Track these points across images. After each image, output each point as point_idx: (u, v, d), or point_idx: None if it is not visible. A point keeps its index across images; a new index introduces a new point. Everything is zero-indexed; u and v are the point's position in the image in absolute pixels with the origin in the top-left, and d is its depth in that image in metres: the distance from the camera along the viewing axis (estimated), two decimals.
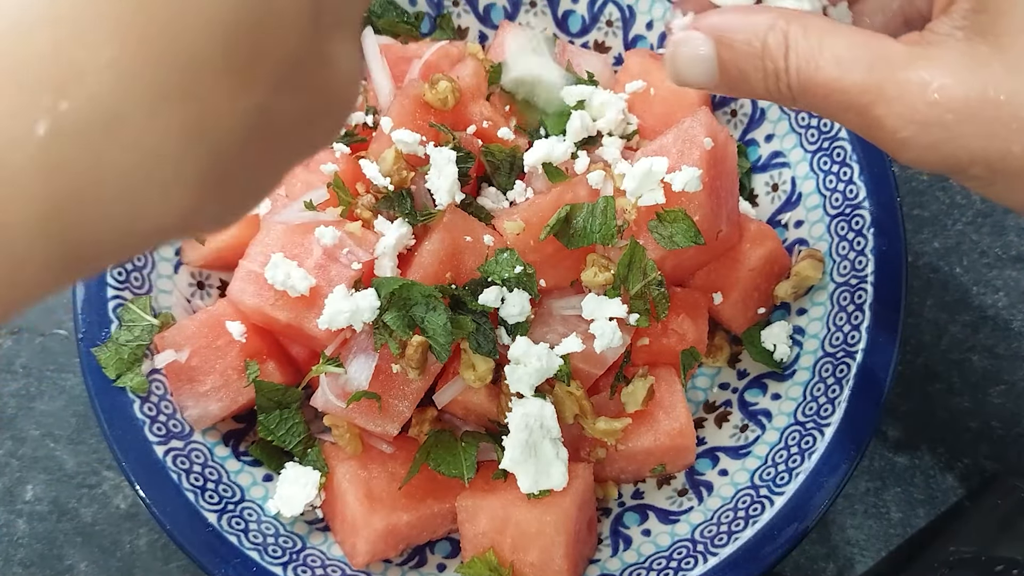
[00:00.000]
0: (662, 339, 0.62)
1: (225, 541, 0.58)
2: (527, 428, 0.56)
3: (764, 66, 0.38)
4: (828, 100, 0.37)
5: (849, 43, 0.37)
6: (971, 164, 0.36)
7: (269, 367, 0.61)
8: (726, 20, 0.39)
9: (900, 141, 0.36)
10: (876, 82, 0.36)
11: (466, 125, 0.64)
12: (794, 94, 0.38)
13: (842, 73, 0.36)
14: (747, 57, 0.39)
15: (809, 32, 0.37)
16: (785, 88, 0.38)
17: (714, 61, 0.39)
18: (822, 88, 0.37)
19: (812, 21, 0.38)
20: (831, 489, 0.58)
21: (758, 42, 0.38)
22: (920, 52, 0.36)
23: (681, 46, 0.40)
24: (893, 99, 0.35)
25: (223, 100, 0.24)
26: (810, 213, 0.67)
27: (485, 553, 0.58)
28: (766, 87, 0.39)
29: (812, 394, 0.63)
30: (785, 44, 0.38)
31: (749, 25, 0.39)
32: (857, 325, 0.62)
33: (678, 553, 0.60)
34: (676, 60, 0.41)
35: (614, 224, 0.58)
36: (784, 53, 0.38)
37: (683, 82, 0.41)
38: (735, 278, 0.65)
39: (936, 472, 0.70)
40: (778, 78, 0.38)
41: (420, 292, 0.56)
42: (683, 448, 0.62)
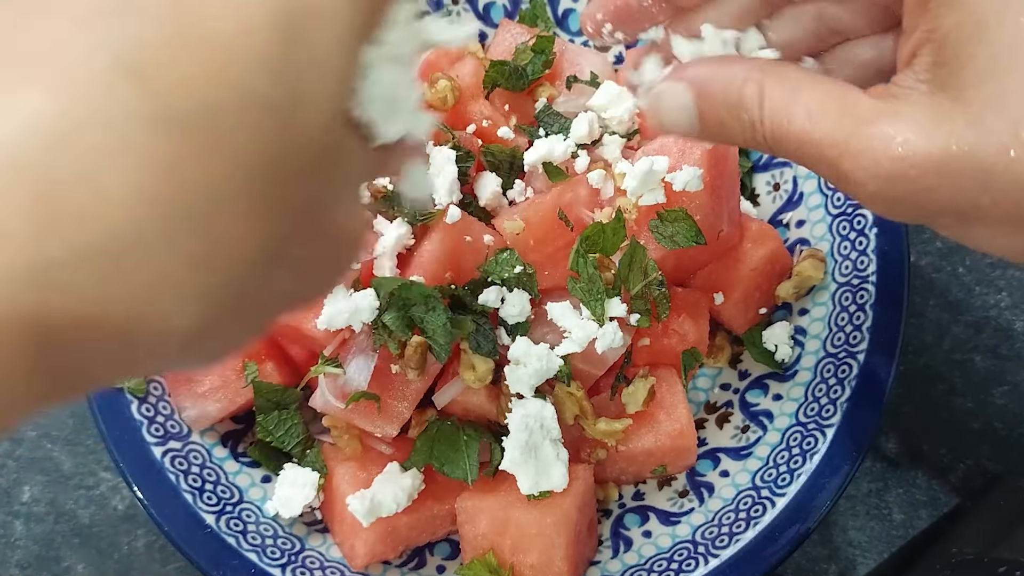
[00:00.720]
0: (663, 339, 0.62)
1: (223, 543, 0.58)
2: (527, 429, 0.56)
3: (740, 116, 0.38)
4: (800, 151, 0.37)
5: (821, 95, 0.37)
6: (940, 215, 0.36)
7: (267, 368, 0.61)
8: (704, 71, 0.40)
9: (869, 195, 0.36)
10: (843, 136, 0.36)
11: (465, 124, 0.64)
12: (769, 144, 0.38)
13: (812, 126, 0.36)
14: (725, 107, 0.39)
15: (784, 83, 0.38)
16: (761, 138, 0.38)
17: (695, 111, 0.40)
18: (794, 140, 0.37)
19: (788, 72, 0.38)
20: (833, 490, 0.58)
21: (735, 93, 0.38)
22: (884, 107, 0.36)
23: (663, 96, 0.41)
24: (858, 153, 0.35)
25: (239, 234, 0.23)
26: (812, 213, 0.67)
27: (485, 555, 0.57)
28: (743, 136, 0.39)
29: (814, 395, 0.63)
30: (760, 95, 0.38)
31: (726, 76, 0.39)
32: (859, 325, 0.62)
33: (679, 554, 0.60)
34: (659, 110, 0.41)
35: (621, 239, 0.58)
36: (759, 104, 0.38)
37: (666, 130, 0.42)
38: (736, 278, 0.64)
39: (938, 473, 0.70)
40: (754, 129, 0.38)
41: (420, 292, 0.55)
42: (684, 449, 0.61)
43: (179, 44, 0.22)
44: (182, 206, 0.22)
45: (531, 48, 0.67)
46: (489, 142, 0.64)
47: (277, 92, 0.23)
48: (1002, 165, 0.33)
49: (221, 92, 0.22)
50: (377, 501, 0.57)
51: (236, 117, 0.22)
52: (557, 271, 0.60)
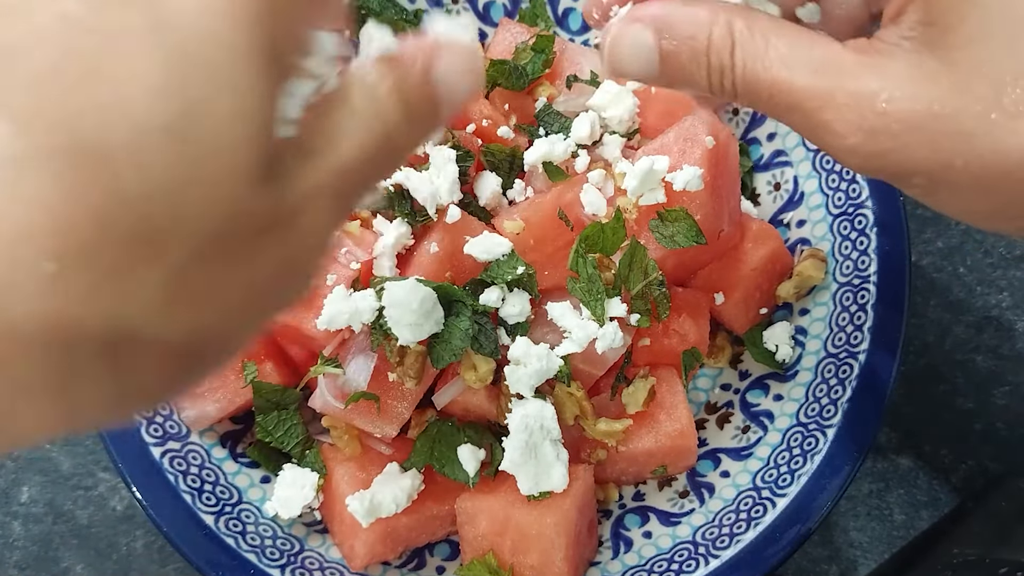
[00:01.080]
0: (663, 339, 0.62)
1: (222, 543, 0.58)
2: (527, 429, 0.56)
3: (708, 61, 0.38)
4: (772, 100, 0.37)
5: (793, 43, 0.37)
6: (914, 174, 0.36)
7: (267, 368, 0.61)
8: (668, 11, 0.38)
9: (847, 147, 0.36)
10: (825, 87, 0.36)
11: (465, 124, 0.64)
12: (737, 91, 0.38)
13: (790, 74, 0.36)
14: (690, 51, 0.38)
15: (754, 29, 0.37)
16: (729, 84, 0.38)
17: (655, 53, 0.38)
18: (768, 87, 0.37)
19: (756, 18, 0.38)
20: (834, 491, 0.58)
21: (703, 36, 0.38)
22: (869, 61, 0.36)
23: (620, 37, 0.39)
24: (842, 106, 0.35)
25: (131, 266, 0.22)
26: (812, 212, 0.67)
27: (485, 555, 0.57)
28: (708, 82, 0.38)
29: (814, 395, 0.62)
30: (731, 40, 0.37)
31: (692, 17, 0.38)
32: (860, 325, 0.62)
33: (679, 555, 0.60)
34: (614, 51, 0.39)
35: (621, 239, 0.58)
36: (730, 49, 0.37)
37: (621, 73, 0.40)
38: (737, 278, 0.64)
39: (940, 474, 0.70)
40: (722, 74, 0.38)
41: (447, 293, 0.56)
42: (684, 449, 0.61)
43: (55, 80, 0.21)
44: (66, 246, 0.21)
45: (531, 47, 0.66)
46: (489, 142, 0.64)
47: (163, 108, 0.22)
48: (981, 129, 0.34)
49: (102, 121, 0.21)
50: (376, 502, 0.57)
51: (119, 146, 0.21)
52: (557, 271, 0.59)
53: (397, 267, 0.59)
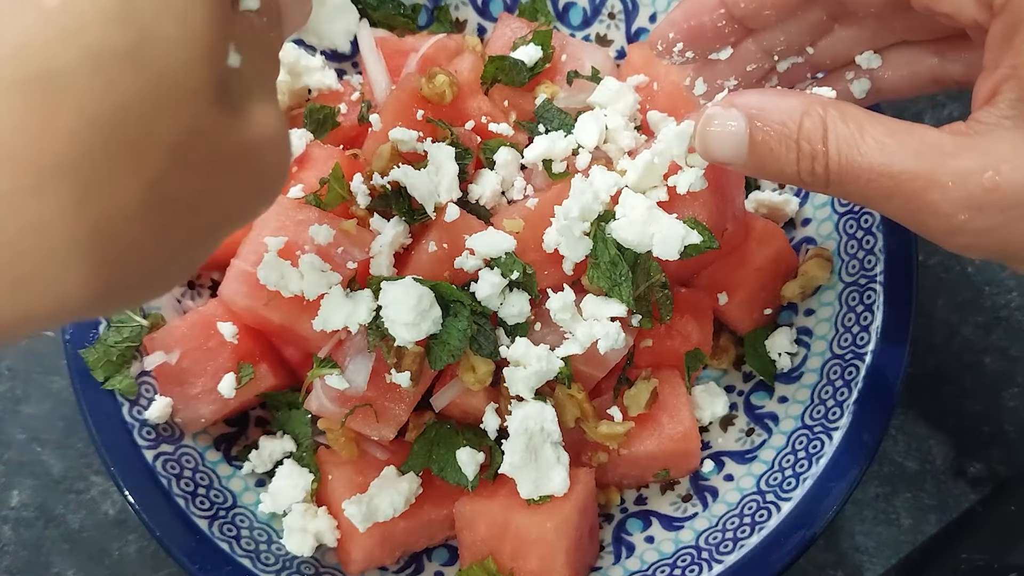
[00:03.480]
0: (666, 341, 0.61)
1: (216, 548, 0.57)
2: (527, 432, 0.55)
3: (799, 147, 0.39)
4: (870, 186, 0.38)
5: (889, 129, 0.38)
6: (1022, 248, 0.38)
7: (262, 369, 0.60)
8: (761, 100, 0.40)
9: (954, 226, 0.37)
10: (927, 168, 0.36)
11: (464, 120, 0.63)
12: (830, 177, 0.39)
13: (889, 159, 0.37)
14: (780, 137, 0.40)
15: (847, 117, 0.38)
16: (821, 170, 0.39)
17: (745, 139, 0.40)
18: (866, 173, 0.38)
19: (848, 108, 0.39)
20: (839, 495, 0.57)
21: (793, 124, 0.39)
22: (970, 142, 0.37)
23: (713, 121, 0.41)
24: (947, 185, 0.36)
25: (110, 178, 0.24)
26: (818, 211, 0.66)
27: (484, 560, 0.57)
28: (798, 168, 0.40)
29: (820, 397, 0.62)
30: (823, 127, 0.39)
31: (785, 106, 0.40)
32: (866, 326, 0.61)
33: (682, 560, 0.59)
34: (706, 134, 0.42)
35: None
36: (823, 136, 0.39)
37: (710, 156, 0.42)
38: (741, 278, 0.64)
39: (947, 477, 0.69)
40: (814, 160, 0.39)
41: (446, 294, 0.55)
42: (687, 452, 0.61)
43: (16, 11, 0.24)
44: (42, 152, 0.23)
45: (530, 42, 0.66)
46: (488, 139, 0.63)
47: (119, 36, 0.24)
48: None
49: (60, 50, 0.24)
50: (374, 506, 0.56)
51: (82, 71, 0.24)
52: (557, 271, 0.59)
53: (394, 266, 0.58)
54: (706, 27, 0.44)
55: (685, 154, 0.55)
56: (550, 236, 0.57)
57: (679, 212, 0.58)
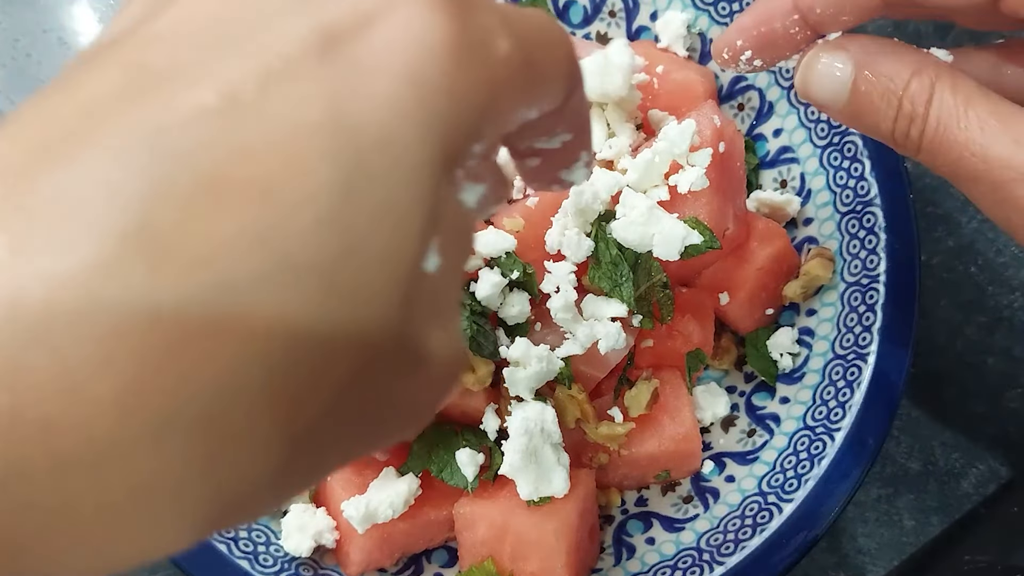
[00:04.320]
0: (667, 341, 0.61)
1: (214, 550, 0.57)
2: (527, 433, 0.55)
3: (900, 106, 0.38)
4: (959, 163, 0.37)
5: (995, 110, 0.36)
6: None
7: None
8: (874, 48, 0.39)
9: None
10: (1021, 161, 0.35)
11: None
12: (923, 143, 0.38)
13: (986, 140, 0.36)
14: (884, 90, 0.38)
15: (958, 88, 0.37)
16: (916, 134, 0.38)
17: (848, 83, 0.39)
18: (959, 149, 0.36)
19: (962, 78, 0.38)
20: (842, 496, 0.57)
21: (901, 80, 0.38)
22: None
23: (817, 60, 0.40)
24: None
25: (252, 433, 0.18)
26: (820, 210, 0.66)
27: (484, 562, 0.56)
28: (893, 127, 0.38)
29: (822, 398, 0.61)
30: (930, 92, 0.37)
31: (897, 59, 0.38)
32: (868, 326, 0.61)
33: (683, 562, 0.59)
34: (809, 73, 0.40)
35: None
36: (927, 100, 0.37)
37: (808, 96, 0.41)
38: (742, 278, 0.63)
39: (950, 478, 0.69)
40: (911, 122, 0.38)
41: None
42: (688, 453, 0.60)
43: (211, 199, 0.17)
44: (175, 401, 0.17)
45: None
46: None
47: (325, 252, 0.18)
48: None
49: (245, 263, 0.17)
50: (372, 507, 0.56)
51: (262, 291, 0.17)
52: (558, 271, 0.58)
53: None
54: (777, 33, 0.42)
55: (686, 153, 0.55)
56: (552, 237, 0.57)
57: (680, 211, 0.57)
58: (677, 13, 0.68)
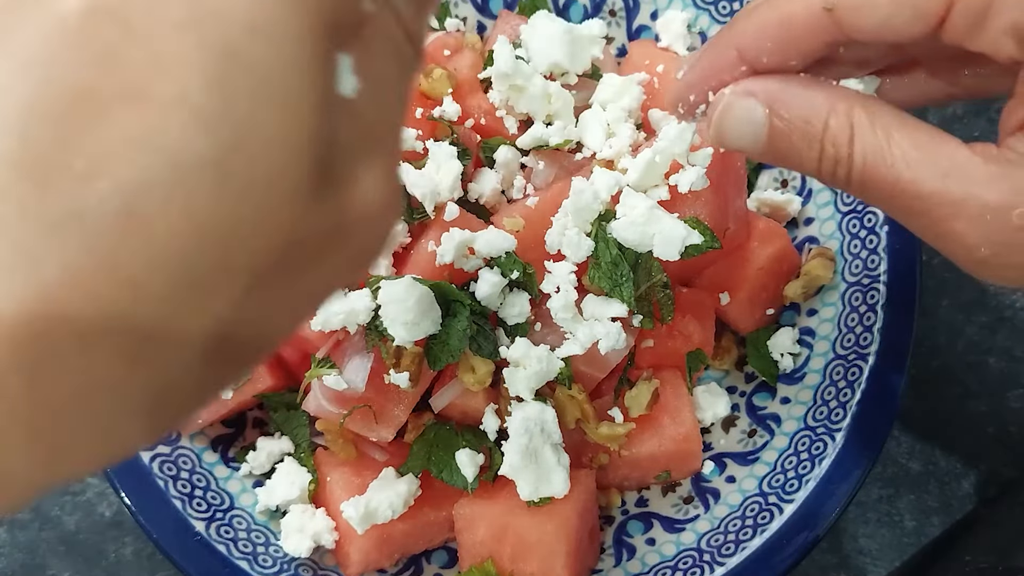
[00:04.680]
0: (667, 341, 0.61)
1: (213, 550, 0.57)
2: (527, 433, 0.54)
3: (822, 148, 0.37)
4: (893, 200, 0.36)
5: (917, 142, 0.36)
6: None
7: (259, 370, 0.60)
8: (784, 89, 0.38)
9: (978, 259, 0.36)
10: (957, 196, 0.35)
11: (463, 119, 0.62)
12: (852, 183, 0.37)
13: (916, 177, 0.35)
14: (803, 134, 0.37)
15: (876, 122, 0.36)
16: (843, 175, 0.37)
17: (764, 128, 0.38)
18: (890, 187, 0.36)
19: (878, 109, 0.37)
20: (842, 496, 0.57)
21: (819, 122, 0.37)
22: (1000, 172, 0.35)
23: (731, 108, 0.39)
24: (974, 218, 0.35)
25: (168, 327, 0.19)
26: (821, 210, 0.66)
27: (483, 563, 0.56)
28: (818, 167, 0.38)
29: (823, 398, 0.61)
30: (850, 131, 0.36)
31: (809, 100, 0.37)
32: (869, 326, 0.61)
33: (684, 563, 0.58)
34: (723, 120, 0.39)
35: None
36: (848, 140, 0.36)
37: (725, 144, 0.40)
38: (743, 278, 0.63)
39: (951, 479, 0.68)
40: (837, 164, 0.37)
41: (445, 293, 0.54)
42: (689, 454, 0.60)
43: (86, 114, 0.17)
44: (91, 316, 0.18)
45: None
46: (488, 137, 0.62)
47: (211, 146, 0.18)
48: None
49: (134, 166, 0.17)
50: (372, 507, 0.56)
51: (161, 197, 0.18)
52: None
53: (393, 266, 0.58)
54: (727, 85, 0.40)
55: (687, 152, 0.54)
56: (552, 237, 0.56)
57: (680, 211, 0.57)
58: (677, 12, 0.68)
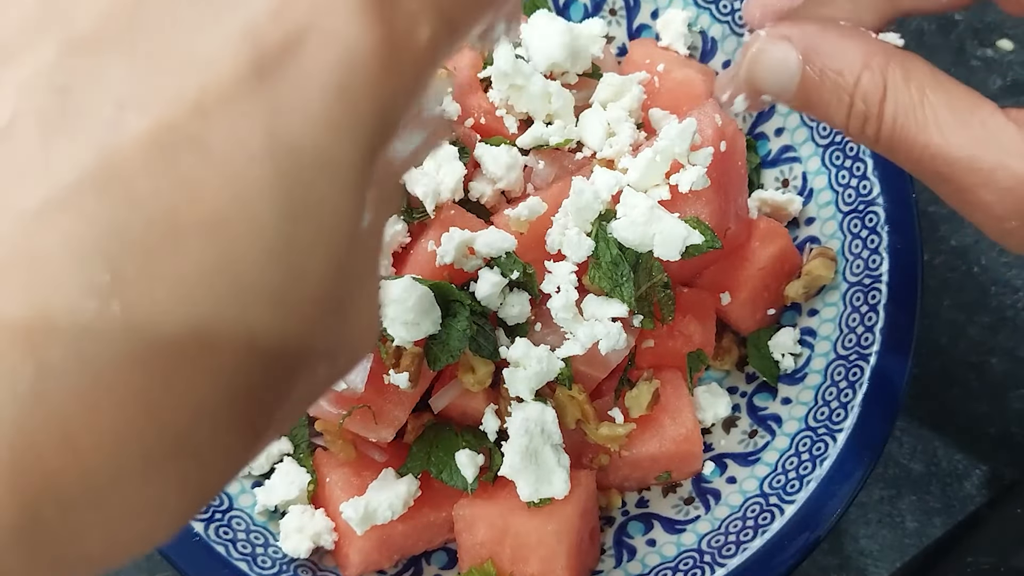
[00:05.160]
0: (668, 341, 0.61)
1: (212, 551, 0.57)
2: (527, 434, 0.54)
3: (853, 104, 0.36)
4: (921, 164, 0.35)
5: (952, 104, 0.35)
6: None
7: None
8: (820, 37, 0.37)
9: (1006, 230, 0.35)
10: (987, 165, 0.34)
11: (463, 119, 0.62)
12: (880, 141, 0.36)
13: (947, 141, 0.34)
14: (834, 87, 0.36)
15: (910, 80, 0.35)
16: (872, 133, 0.36)
17: (797, 75, 0.37)
18: (919, 150, 0.35)
19: (913, 66, 0.36)
20: (844, 497, 0.57)
21: (851, 76, 0.36)
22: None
23: (764, 51, 0.38)
24: (1005, 189, 0.34)
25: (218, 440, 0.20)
26: (822, 210, 0.65)
27: (483, 564, 0.56)
28: (847, 122, 0.37)
29: (824, 398, 0.61)
30: (883, 88, 0.35)
31: (844, 52, 0.36)
32: (871, 327, 0.60)
33: (684, 564, 0.58)
34: (755, 63, 0.38)
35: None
36: (880, 98, 0.35)
37: (756, 86, 0.39)
38: (744, 277, 0.63)
39: (953, 480, 0.68)
40: (866, 121, 0.36)
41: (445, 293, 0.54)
42: (689, 454, 0.60)
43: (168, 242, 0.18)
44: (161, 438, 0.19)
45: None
46: (488, 136, 0.62)
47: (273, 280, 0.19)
48: None
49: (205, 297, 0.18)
50: (372, 508, 0.56)
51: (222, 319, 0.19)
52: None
53: (393, 266, 0.58)
54: None
55: (687, 152, 0.54)
56: (552, 237, 0.56)
57: (681, 211, 0.57)
58: (678, 11, 0.68)
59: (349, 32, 0.20)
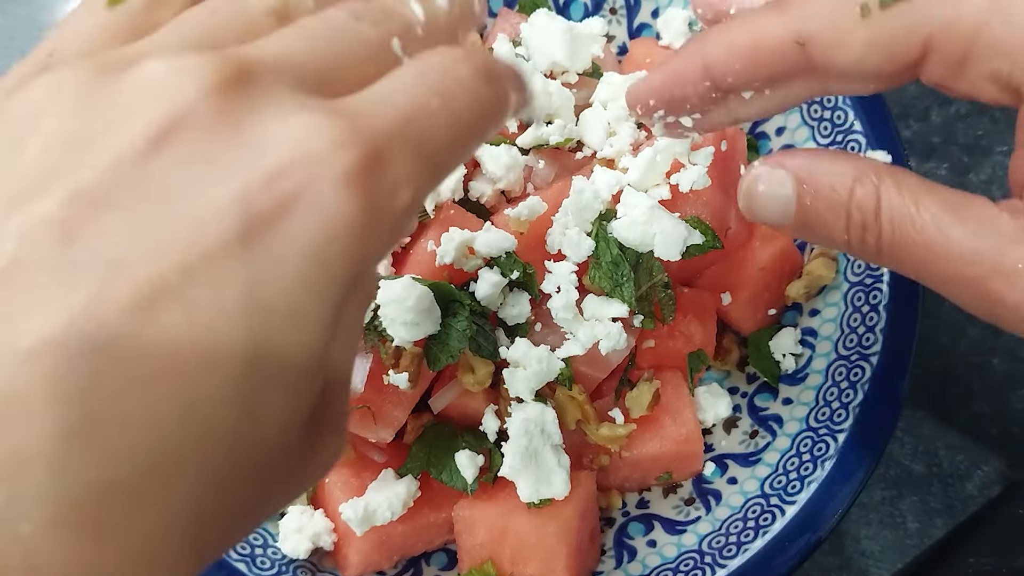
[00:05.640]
0: (668, 341, 0.60)
1: None
2: (527, 434, 0.54)
3: (849, 215, 0.37)
4: (925, 265, 0.35)
5: (945, 204, 0.35)
6: None
7: None
8: (812, 162, 0.38)
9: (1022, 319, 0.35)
10: (989, 254, 0.34)
11: None
12: (882, 250, 0.37)
13: (946, 238, 0.35)
14: (830, 204, 0.37)
15: (903, 188, 0.36)
16: (873, 241, 0.37)
17: (793, 202, 0.38)
18: (921, 251, 0.35)
19: (903, 176, 0.37)
20: (845, 498, 0.56)
21: (844, 190, 0.37)
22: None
23: (759, 180, 0.39)
24: (1012, 273, 0.34)
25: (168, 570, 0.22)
26: None
27: (483, 565, 0.56)
28: (848, 236, 0.38)
29: (825, 399, 0.61)
30: (877, 198, 0.36)
31: (835, 171, 0.37)
32: (872, 327, 0.60)
33: (685, 565, 0.58)
34: (751, 193, 0.40)
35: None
36: (875, 207, 0.36)
37: (756, 218, 0.40)
38: (745, 277, 0.63)
39: (955, 480, 0.68)
40: (865, 230, 0.37)
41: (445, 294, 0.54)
42: (690, 455, 0.60)
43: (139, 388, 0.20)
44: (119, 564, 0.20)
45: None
46: None
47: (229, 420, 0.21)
48: None
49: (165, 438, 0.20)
50: (371, 509, 0.55)
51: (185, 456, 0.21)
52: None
53: (392, 266, 0.57)
54: (689, 95, 0.41)
55: (688, 151, 0.54)
56: (552, 236, 0.56)
57: (682, 210, 0.57)
58: (678, 10, 0.67)
59: (334, 201, 0.22)
